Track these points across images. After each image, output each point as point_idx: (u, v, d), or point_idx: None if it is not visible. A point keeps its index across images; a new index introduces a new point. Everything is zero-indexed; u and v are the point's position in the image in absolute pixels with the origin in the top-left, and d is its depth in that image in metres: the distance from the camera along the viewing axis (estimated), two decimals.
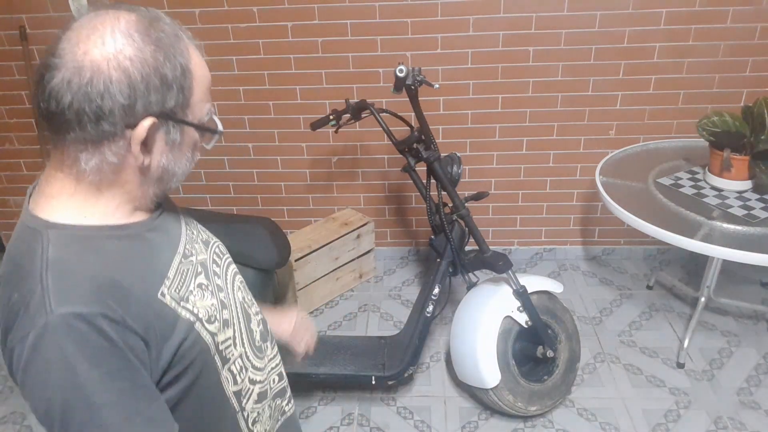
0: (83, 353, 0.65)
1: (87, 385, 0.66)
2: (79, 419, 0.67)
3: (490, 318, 1.90)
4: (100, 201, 0.74)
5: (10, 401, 2.19)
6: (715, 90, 2.48)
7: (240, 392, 0.88)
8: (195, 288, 0.81)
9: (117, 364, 0.67)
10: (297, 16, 2.42)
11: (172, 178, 0.78)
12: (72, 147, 0.70)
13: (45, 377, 0.66)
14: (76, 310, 0.65)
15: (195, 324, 0.78)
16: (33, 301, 0.66)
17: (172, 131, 0.73)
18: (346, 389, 2.17)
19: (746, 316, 2.45)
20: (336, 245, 2.58)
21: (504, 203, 2.77)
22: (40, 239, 0.70)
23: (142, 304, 0.71)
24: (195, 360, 0.77)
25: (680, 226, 1.86)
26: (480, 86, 2.52)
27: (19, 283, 0.68)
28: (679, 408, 2.04)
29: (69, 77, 0.66)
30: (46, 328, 0.65)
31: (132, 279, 0.72)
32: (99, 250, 0.72)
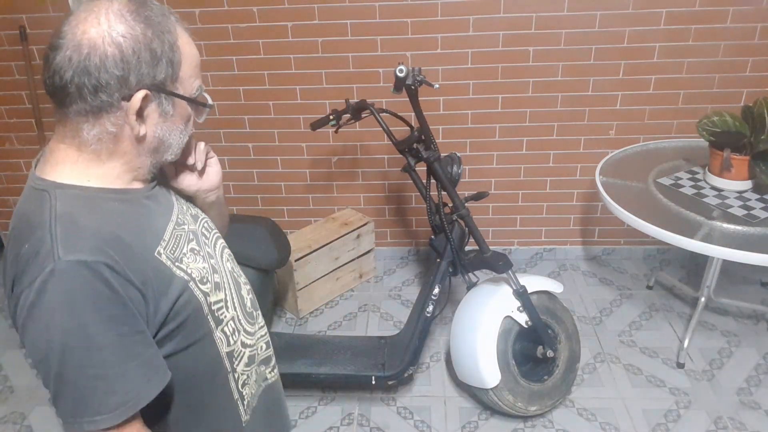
0: (86, 297, 0.71)
1: (88, 327, 0.71)
2: (78, 359, 0.72)
3: (490, 318, 1.90)
4: (101, 168, 0.81)
5: (10, 401, 2.19)
6: (715, 90, 2.48)
7: (232, 353, 0.93)
8: (188, 251, 0.87)
9: (117, 310, 0.73)
10: (297, 16, 2.42)
11: (168, 149, 0.85)
12: (74, 119, 0.78)
13: (48, 319, 0.71)
14: (82, 258, 0.71)
15: (189, 283, 0.84)
16: (43, 249, 0.72)
17: (165, 103, 0.81)
18: (346, 389, 2.17)
19: (746, 316, 2.45)
20: (336, 245, 2.58)
21: (504, 203, 2.77)
22: (48, 197, 0.76)
23: (141, 259, 0.78)
24: (189, 317, 0.83)
25: (680, 226, 1.86)
26: (480, 86, 2.52)
27: (29, 235, 0.74)
28: (679, 408, 2.04)
29: (70, 54, 0.74)
30: (53, 273, 0.70)
31: (132, 236, 0.78)
32: (102, 208, 0.78)
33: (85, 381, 0.73)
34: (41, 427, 2.08)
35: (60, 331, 0.71)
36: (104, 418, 0.74)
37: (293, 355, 2.07)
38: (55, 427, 2.08)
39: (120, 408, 0.74)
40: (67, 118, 0.79)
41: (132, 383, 0.75)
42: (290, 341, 2.18)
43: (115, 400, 0.74)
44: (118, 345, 0.73)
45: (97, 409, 0.74)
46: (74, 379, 0.73)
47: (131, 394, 0.75)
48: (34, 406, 2.17)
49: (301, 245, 2.51)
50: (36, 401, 2.19)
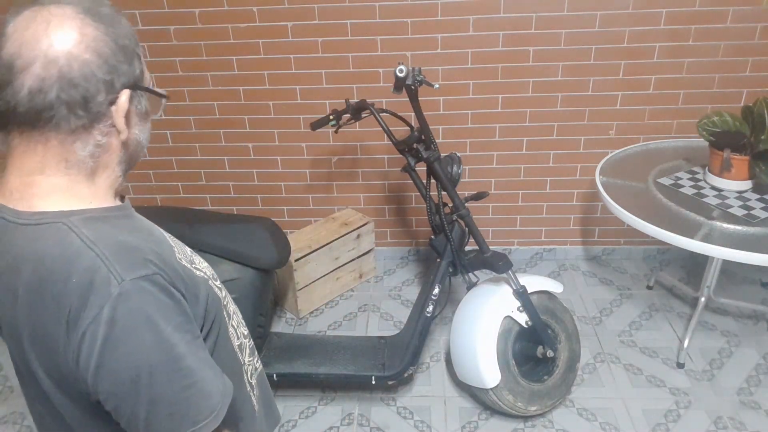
0: (157, 311, 0.69)
1: (168, 340, 0.69)
2: (167, 374, 0.69)
3: (490, 318, 1.90)
4: (93, 188, 0.75)
5: (10, 401, 2.19)
6: (715, 90, 2.48)
7: (240, 346, 0.93)
8: (191, 253, 0.86)
9: (181, 317, 0.72)
10: (297, 16, 2.42)
11: (142, 150, 0.81)
12: (63, 140, 0.71)
13: (129, 344, 0.67)
14: (143, 273, 0.68)
15: (208, 281, 0.83)
16: (98, 277, 0.66)
17: (142, 101, 0.77)
18: (346, 389, 2.17)
19: (746, 316, 2.45)
20: (336, 245, 2.58)
21: (504, 203, 2.77)
22: (66, 227, 0.70)
23: (173, 267, 0.75)
24: (216, 316, 0.83)
25: (680, 226, 1.86)
26: (480, 86, 2.52)
27: (70, 269, 0.67)
28: (679, 408, 2.04)
29: (44, 73, 0.67)
30: (121, 296, 0.66)
31: (156, 246, 0.75)
32: (118, 226, 0.74)
33: (178, 393, 0.70)
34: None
35: (143, 351, 0.67)
36: (206, 424, 0.73)
37: (293, 355, 2.07)
38: None
39: (215, 411, 0.74)
40: (50, 144, 0.70)
41: (215, 384, 0.75)
42: (290, 341, 2.18)
43: (209, 404, 0.73)
44: (191, 351, 0.72)
45: (195, 417, 0.72)
46: (167, 397, 0.70)
47: (218, 395, 0.75)
48: None
49: (301, 245, 2.51)
50: None
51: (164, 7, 2.41)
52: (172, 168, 2.75)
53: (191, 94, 2.58)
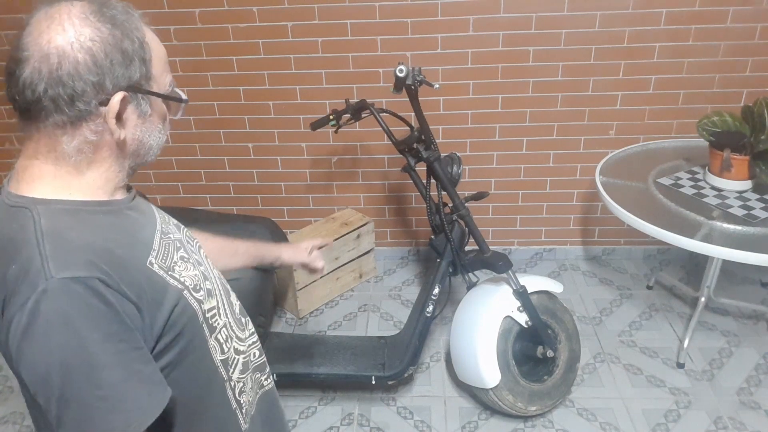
0: (83, 315, 0.68)
1: (87, 346, 0.68)
2: (78, 380, 0.68)
3: (490, 318, 1.90)
4: (82, 180, 0.77)
5: (10, 401, 2.19)
6: (715, 90, 2.48)
7: (227, 361, 0.91)
8: (178, 260, 0.85)
9: (115, 327, 0.70)
10: (297, 16, 2.42)
11: (148, 151, 0.83)
12: (51, 132, 0.74)
13: (45, 340, 0.67)
14: (75, 274, 0.68)
15: (183, 291, 0.81)
16: (32, 269, 0.68)
17: (142, 103, 0.78)
18: (346, 389, 2.17)
19: (746, 316, 2.45)
20: (336, 245, 2.58)
21: (504, 203, 2.77)
22: (30, 214, 0.73)
23: (134, 271, 0.75)
24: (185, 327, 0.81)
25: (680, 226, 1.86)
26: (480, 86, 2.52)
27: (15, 256, 0.70)
28: (679, 408, 2.04)
29: (38, 66, 0.70)
30: (45, 293, 0.67)
31: (123, 248, 0.75)
32: (89, 222, 0.75)
33: (89, 401, 0.69)
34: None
35: (59, 352, 0.67)
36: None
37: (293, 355, 2.07)
38: None
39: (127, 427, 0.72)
40: (41, 133, 0.75)
41: (136, 402, 0.72)
42: (290, 341, 2.18)
43: (121, 420, 0.71)
44: (118, 363, 0.70)
45: (104, 429, 0.71)
46: (78, 401, 0.69)
47: (136, 413, 0.72)
48: None
49: None
50: None
51: (164, 7, 2.41)
52: (172, 168, 2.75)
53: (191, 94, 2.58)
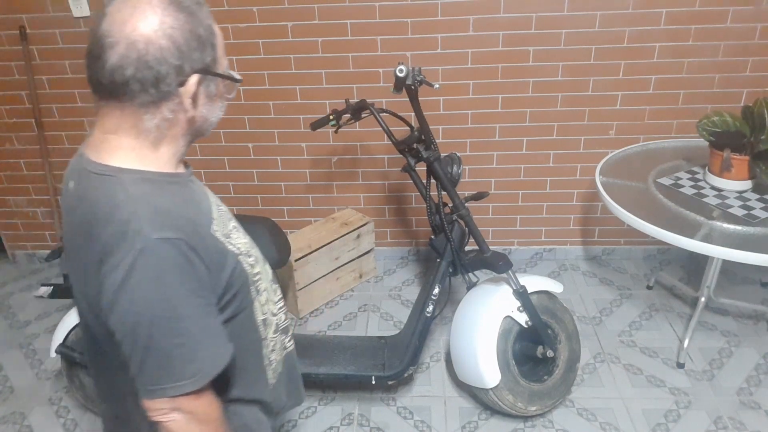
0: (172, 272, 0.78)
1: (173, 299, 0.79)
2: (164, 329, 0.79)
3: (490, 318, 1.90)
4: (156, 154, 0.86)
5: (10, 401, 2.19)
6: (715, 90, 2.48)
7: (265, 321, 1.01)
8: (232, 228, 0.95)
9: (195, 284, 0.81)
10: (297, 16, 2.42)
11: (209, 126, 0.92)
12: (135, 111, 0.82)
13: (138, 293, 0.77)
14: (167, 236, 0.78)
15: (239, 256, 0.92)
16: (130, 230, 0.77)
17: (211, 84, 0.87)
18: (346, 389, 2.17)
19: (746, 316, 2.45)
20: (336, 245, 2.58)
21: (504, 203, 2.77)
22: (120, 181, 0.81)
23: (204, 237, 0.85)
24: (240, 289, 0.92)
25: (680, 226, 1.86)
26: (480, 86, 2.52)
27: (110, 218, 0.79)
28: (679, 408, 2.04)
29: (126, 52, 0.78)
30: (143, 251, 0.76)
31: (194, 215, 0.86)
32: (166, 191, 0.85)
33: (169, 349, 0.79)
34: (41, 427, 2.08)
35: (149, 303, 0.77)
36: (185, 384, 0.81)
37: None
38: (55, 427, 2.08)
39: (197, 375, 0.81)
40: (126, 111, 0.83)
41: (207, 352, 0.82)
42: None
43: (193, 368, 0.81)
44: (197, 316, 0.81)
45: (179, 375, 0.80)
46: (160, 348, 0.79)
47: (207, 362, 0.82)
48: (34, 406, 2.17)
49: (301, 245, 2.51)
50: (36, 401, 2.19)
51: None
52: None
53: None
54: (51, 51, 2.55)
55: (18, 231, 3.01)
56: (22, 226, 3.00)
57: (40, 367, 2.35)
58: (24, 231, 3.01)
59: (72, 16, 2.46)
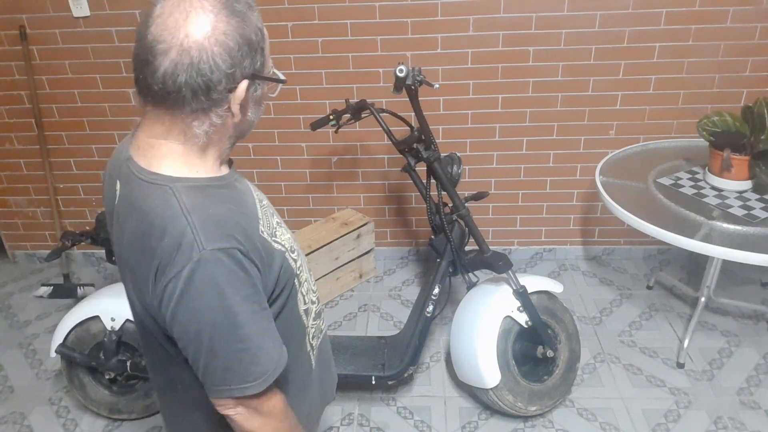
0: (228, 281, 0.80)
1: (231, 307, 0.81)
2: (225, 335, 0.81)
3: (490, 318, 1.90)
4: (203, 159, 0.87)
5: (10, 401, 2.19)
6: (715, 90, 2.48)
7: (307, 311, 1.04)
8: (276, 225, 0.96)
9: (250, 290, 0.83)
10: (297, 16, 2.42)
11: (251, 128, 0.92)
12: (185, 118, 0.83)
13: (198, 303, 0.79)
14: (222, 246, 0.80)
15: (285, 254, 0.94)
16: (185, 241, 0.78)
17: (258, 88, 0.87)
18: (346, 389, 2.17)
19: (746, 316, 2.45)
20: (336, 245, 2.58)
21: (504, 203, 2.77)
22: (170, 191, 0.82)
23: (253, 239, 0.86)
24: (286, 284, 0.94)
25: (680, 226, 1.86)
26: (480, 86, 2.52)
27: (166, 229, 0.80)
28: (679, 408, 2.04)
29: (178, 59, 0.77)
30: (199, 263, 0.78)
31: (243, 219, 0.86)
32: (216, 197, 0.85)
33: (233, 354, 0.82)
34: (41, 427, 2.08)
35: (209, 312, 0.80)
36: (251, 386, 0.85)
37: None
38: (55, 427, 2.08)
39: (263, 377, 0.85)
40: (175, 118, 0.83)
41: (269, 354, 0.86)
42: None
43: (258, 370, 0.85)
44: (254, 321, 0.83)
45: (244, 377, 0.84)
46: (223, 354, 0.82)
47: (270, 364, 0.86)
48: (34, 406, 2.17)
49: (301, 245, 2.50)
50: (36, 401, 2.19)
51: None
52: None
53: None
54: (51, 51, 2.55)
55: (18, 231, 3.01)
56: (22, 226, 3.00)
57: (40, 367, 2.36)
58: (24, 231, 3.01)
59: (72, 16, 2.46)
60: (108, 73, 2.58)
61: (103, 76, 2.59)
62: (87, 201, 2.91)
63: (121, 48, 2.52)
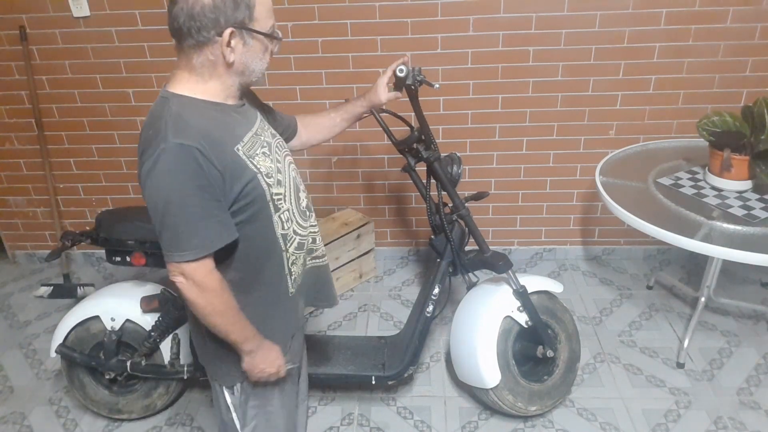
0: (182, 169, 1.05)
1: (182, 189, 1.06)
2: (175, 210, 1.07)
3: (490, 318, 1.90)
4: (205, 86, 1.14)
5: (10, 401, 2.19)
6: (715, 90, 2.48)
7: (286, 236, 1.25)
8: (260, 153, 1.19)
9: (201, 182, 1.06)
10: (297, 16, 2.42)
11: (251, 72, 1.17)
12: (187, 51, 1.11)
13: (159, 181, 1.05)
14: (183, 142, 1.04)
15: (257, 174, 1.16)
16: (160, 134, 1.05)
17: (246, 37, 1.12)
18: (346, 389, 2.17)
19: (746, 316, 2.45)
20: (336, 245, 2.58)
21: (504, 203, 2.77)
22: (168, 102, 1.11)
23: (224, 151, 1.10)
24: (255, 199, 1.16)
25: (680, 226, 1.86)
26: (480, 86, 2.52)
27: (153, 125, 1.08)
28: (679, 408, 2.04)
29: (182, 6, 1.07)
30: (164, 150, 1.04)
31: (220, 133, 1.11)
32: (203, 112, 1.12)
33: (178, 225, 1.07)
34: (41, 427, 2.08)
35: (165, 190, 1.05)
36: (186, 253, 1.09)
37: None
38: (55, 427, 2.08)
39: (197, 248, 1.09)
40: (182, 52, 1.12)
41: (207, 232, 1.09)
42: None
43: (194, 242, 1.08)
44: (200, 204, 1.07)
45: (184, 246, 1.08)
46: (171, 224, 1.07)
47: (206, 240, 1.09)
48: (34, 406, 2.17)
49: None
50: (36, 401, 2.19)
51: (164, 7, 2.41)
52: None
53: None
54: (51, 51, 2.55)
55: (18, 231, 3.01)
56: (22, 226, 3.00)
57: (40, 367, 2.36)
58: (24, 231, 3.01)
59: (72, 16, 2.46)
60: (108, 73, 2.58)
61: (103, 76, 2.59)
62: (87, 201, 2.91)
63: (121, 48, 2.52)
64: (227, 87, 1.16)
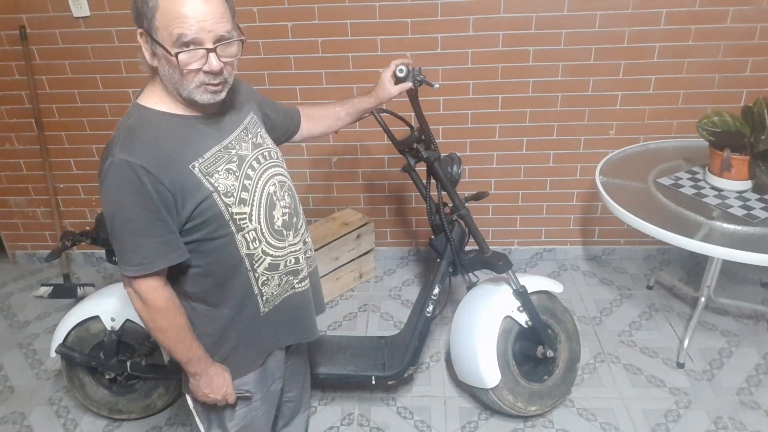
0: (126, 186, 1.04)
1: (124, 206, 1.06)
2: (119, 223, 1.07)
3: (490, 318, 1.90)
4: (162, 96, 1.11)
5: (10, 401, 2.19)
6: (715, 90, 2.48)
7: (252, 256, 1.20)
8: (222, 169, 1.14)
9: (144, 200, 1.05)
10: (297, 16, 2.42)
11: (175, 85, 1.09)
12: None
13: (105, 194, 1.07)
14: (128, 159, 1.04)
15: (213, 194, 1.11)
16: (112, 147, 1.06)
17: (152, 44, 1.06)
18: (346, 389, 2.17)
19: (746, 316, 2.45)
20: (336, 245, 2.58)
21: (504, 203, 2.77)
22: (129, 114, 1.11)
23: (175, 168, 1.08)
24: (210, 218, 1.12)
25: (680, 226, 1.86)
26: (480, 86, 2.52)
27: (114, 136, 1.09)
28: (679, 408, 2.04)
29: None
30: (111, 164, 1.04)
31: (173, 150, 1.08)
32: (157, 127, 1.09)
33: (122, 240, 1.08)
34: (41, 427, 2.08)
35: (110, 204, 1.07)
36: (127, 269, 1.09)
37: None
38: (55, 427, 2.08)
39: (138, 266, 1.08)
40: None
41: (149, 251, 1.08)
42: None
43: (135, 259, 1.08)
44: (143, 222, 1.06)
45: (126, 261, 1.09)
46: (118, 237, 1.08)
47: (147, 259, 1.08)
48: (34, 406, 2.17)
49: None
50: (36, 401, 2.19)
51: None
52: None
53: None
54: (51, 51, 2.55)
55: (18, 231, 3.01)
56: (22, 226, 3.00)
57: (40, 367, 2.36)
58: (24, 231, 3.01)
59: (72, 16, 2.46)
60: (108, 73, 2.58)
61: (103, 76, 2.59)
62: (87, 201, 2.91)
63: (121, 48, 2.52)
64: (171, 96, 1.11)
